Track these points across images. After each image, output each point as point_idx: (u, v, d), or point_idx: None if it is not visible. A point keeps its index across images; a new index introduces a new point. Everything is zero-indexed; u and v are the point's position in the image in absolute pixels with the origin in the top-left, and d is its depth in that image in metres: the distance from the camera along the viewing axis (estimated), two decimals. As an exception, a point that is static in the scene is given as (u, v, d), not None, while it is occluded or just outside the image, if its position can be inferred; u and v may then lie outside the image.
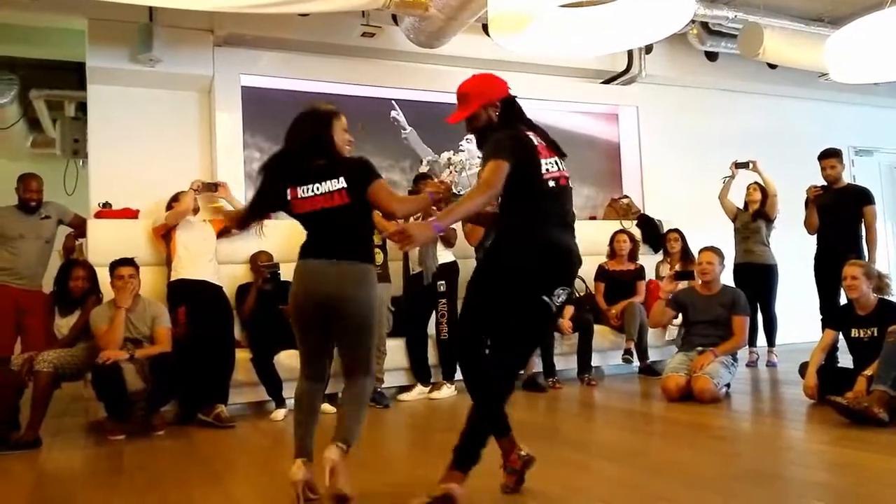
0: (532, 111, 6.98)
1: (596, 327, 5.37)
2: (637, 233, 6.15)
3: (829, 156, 5.33)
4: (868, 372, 3.58)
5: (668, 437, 3.50)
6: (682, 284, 4.84)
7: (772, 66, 6.98)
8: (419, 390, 4.87)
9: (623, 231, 5.86)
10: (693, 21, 6.27)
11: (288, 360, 4.54)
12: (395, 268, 4.94)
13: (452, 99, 7.36)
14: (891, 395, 3.33)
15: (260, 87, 5.77)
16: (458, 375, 4.94)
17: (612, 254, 5.78)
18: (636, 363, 5.44)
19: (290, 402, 4.61)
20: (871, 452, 2.94)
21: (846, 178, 5.56)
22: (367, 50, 6.03)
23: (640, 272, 5.72)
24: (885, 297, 3.96)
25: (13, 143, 7.45)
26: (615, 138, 7.31)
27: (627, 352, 5.33)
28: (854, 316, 3.99)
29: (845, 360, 4.16)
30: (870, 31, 4.69)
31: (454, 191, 6.30)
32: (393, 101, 6.32)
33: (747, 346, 5.67)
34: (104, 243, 4.66)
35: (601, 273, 5.74)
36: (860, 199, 5.21)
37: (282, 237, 5.23)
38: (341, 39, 5.89)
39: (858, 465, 2.79)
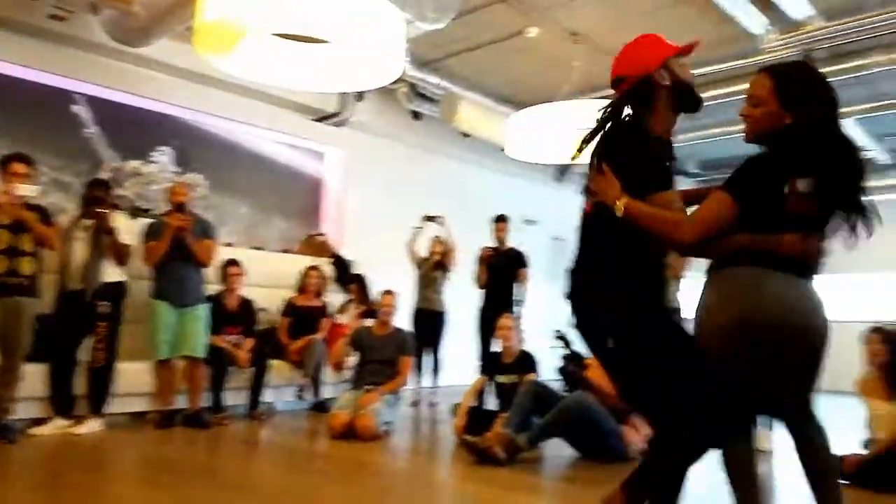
0: (235, 135, 6.75)
1: (274, 362, 5.26)
2: (329, 271, 6.24)
3: (501, 220, 6.04)
4: (505, 415, 4.02)
5: (326, 474, 3.52)
6: (369, 322, 5.02)
7: (466, 135, 7.69)
8: (58, 424, 4.25)
9: (314, 267, 5.90)
10: (403, 80, 6.68)
11: None
12: (47, 281, 4.31)
13: (149, 104, 6.85)
14: (511, 437, 3.76)
15: None
16: (109, 408, 4.46)
17: (302, 289, 5.78)
18: (309, 399, 5.44)
19: None
20: (492, 487, 3.29)
21: (515, 244, 6.29)
22: (54, 34, 5.34)
23: (324, 309, 5.79)
24: (525, 350, 4.52)
25: None
26: (319, 176, 7.41)
27: (302, 388, 5.31)
28: (501, 363, 4.48)
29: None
30: (541, 119, 5.46)
31: (136, 204, 5.80)
32: (77, 95, 5.65)
33: (413, 386, 6.04)
34: None
35: (289, 307, 5.68)
36: (518, 261, 5.95)
37: None
38: (24, 16, 5.14)
39: (480, 499, 3.09)
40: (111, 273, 4.48)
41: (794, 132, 1.90)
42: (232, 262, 5.22)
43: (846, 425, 5.00)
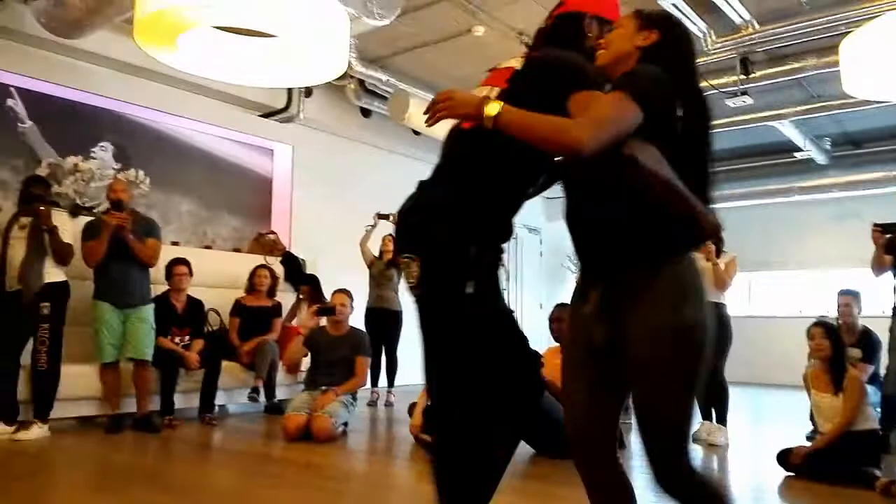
0: (180, 130, 6.57)
1: (225, 364, 5.14)
2: (280, 270, 6.13)
3: None
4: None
5: (278, 477, 3.45)
6: (324, 321, 4.95)
7: (416, 133, 7.67)
8: (0, 430, 4.08)
9: (264, 266, 5.79)
10: (351, 76, 6.62)
11: None
12: (-16, 283, 4.12)
13: (88, 98, 6.59)
14: None
15: None
16: (55, 413, 4.28)
17: (251, 288, 5.66)
18: (263, 401, 5.34)
19: None
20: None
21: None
22: (-17, 24, 5.09)
23: (277, 309, 5.69)
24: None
25: None
26: (268, 173, 7.28)
27: (255, 390, 5.21)
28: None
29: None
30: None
31: (76, 201, 5.56)
32: (11, 88, 5.40)
33: (370, 386, 6.00)
34: None
35: (237, 308, 5.56)
36: None
37: None
38: (-51, 3, 4.88)
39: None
40: (52, 273, 4.31)
41: (671, 46, 1.62)
42: (179, 262, 5.07)
43: (792, 418, 5.24)
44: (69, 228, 4.48)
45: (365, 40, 6.15)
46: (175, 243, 5.85)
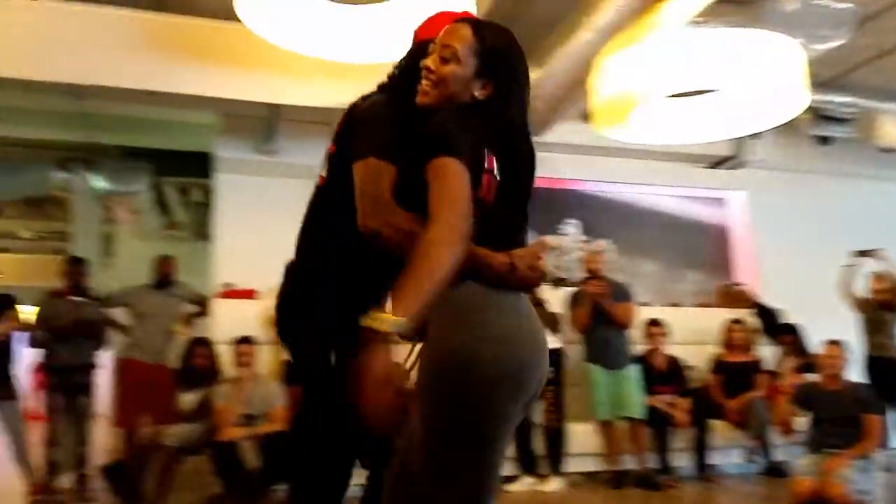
0: (632, 196, 6.92)
1: (713, 422, 5.08)
2: (754, 322, 5.86)
3: None
4: None
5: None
6: (808, 377, 4.59)
7: (887, 150, 6.64)
8: (525, 481, 4.64)
9: (737, 320, 5.61)
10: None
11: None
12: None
13: (552, 182, 7.33)
14: None
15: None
16: (566, 467, 4.77)
17: (727, 344, 5.53)
18: (761, 462, 5.09)
19: None
20: None
21: None
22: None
23: (757, 364, 5.42)
24: None
25: (146, 225, 8.00)
26: (722, 222, 7.14)
27: (751, 450, 5.00)
28: None
29: None
30: None
31: (556, 275, 6.29)
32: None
33: (885, 449, 5.22)
34: (226, 322, 4.89)
35: (718, 365, 5.43)
36: None
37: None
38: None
39: None
40: (549, 341, 4.89)
41: (500, 102, 1.51)
42: (653, 322, 5.27)
43: None
44: (555, 299, 5.08)
45: (813, 65, 5.69)
46: (645, 304, 6.11)
